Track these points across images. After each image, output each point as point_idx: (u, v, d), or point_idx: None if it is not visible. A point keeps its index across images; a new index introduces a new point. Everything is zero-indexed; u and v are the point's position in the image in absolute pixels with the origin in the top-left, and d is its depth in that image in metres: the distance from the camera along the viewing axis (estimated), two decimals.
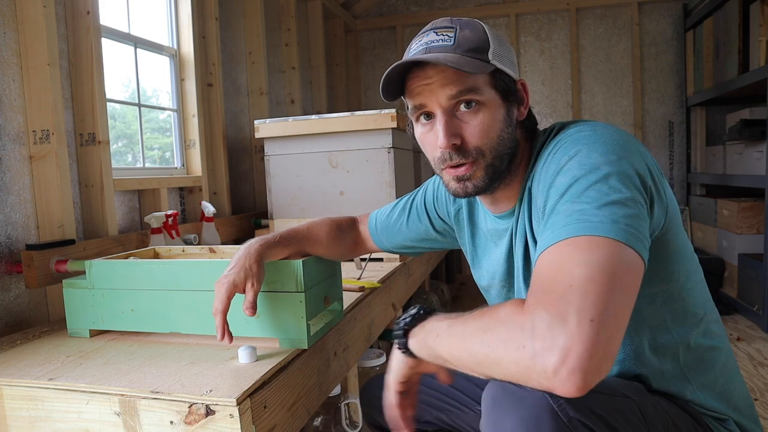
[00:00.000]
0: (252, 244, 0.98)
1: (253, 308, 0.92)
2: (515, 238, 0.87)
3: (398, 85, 0.84)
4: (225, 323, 0.92)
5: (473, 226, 1.01)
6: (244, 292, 0.93)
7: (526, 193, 0.84)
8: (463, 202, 1.02)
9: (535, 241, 0.82)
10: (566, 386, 0.57)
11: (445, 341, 0.71)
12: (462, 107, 0.80)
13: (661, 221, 0.74)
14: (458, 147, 0.80)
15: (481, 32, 0.81)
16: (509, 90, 0.82)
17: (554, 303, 0.59)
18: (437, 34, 0.81)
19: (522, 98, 0.85)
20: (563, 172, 0.71)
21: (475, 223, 1.00)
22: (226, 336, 0.92)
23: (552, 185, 0.72)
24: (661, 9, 3.91)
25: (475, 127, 0.80)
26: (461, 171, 0.82)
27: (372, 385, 1.19)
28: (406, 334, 0.79)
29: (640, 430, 0.71)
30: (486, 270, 0.97)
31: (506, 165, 0.83)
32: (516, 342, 0.60)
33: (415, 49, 0.82)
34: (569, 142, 0.75)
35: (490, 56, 0.79)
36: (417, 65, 0.80)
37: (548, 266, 0.64)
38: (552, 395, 0.64)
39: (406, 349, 0.79)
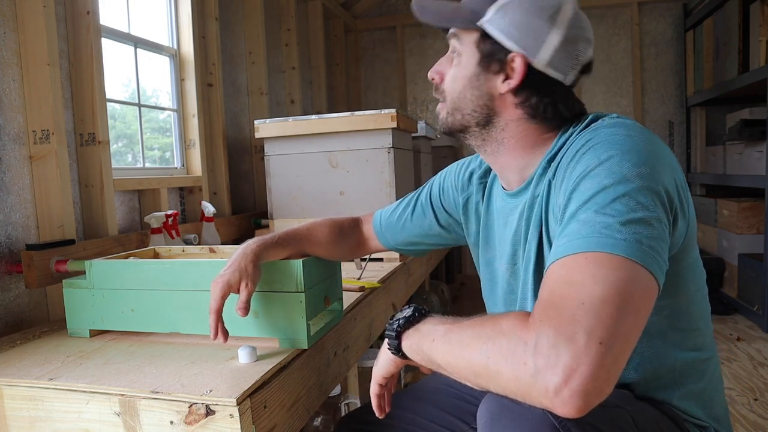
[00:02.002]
0: (249, 244, 0.98)
1: (246, 309, 0.92)
2: (529, 229, 0.85)
3: None
4: (219, 322, 0.92)
5: (487, 211, 0.98)
6: (238, 292, 0.93)
7: (544, 182, 0.81)
8: (475, 187, 1.01)
9: (549, 240, 0.80)
10: (567, 407, 0.55)
11: (441, 347, 0.69)
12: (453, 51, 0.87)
13: (681, 238, 0.73)
14: (436, 84, 0.90)
15: None
16: (492, 57, 0.82)
17: (562, 321, 0.57)
18: None
19: (510, 68, 0.81)
20: (590, 177, 0.68)
21: (489, 205, 0.98)
22: (220, 335, 0.92)
23: (576, 188, 0.69)
24: (661, 9, 3.91)
25: (449, 72, 0.87)
26: (438, 105, 0.91)
27: (344, 426, 1.17)
28: (398, 336, 0.78)
29: None
30: (498, 251, 0.95)
31: (475, 126, 0.86)
32: (517, 357, 0.58)
33: None
34: (602, 144, 0.71)
35: (483, 19, 0.81)
36: None
37: (561, 279, 0.61)
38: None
39: (397, 351, 0.78)
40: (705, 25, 3.52)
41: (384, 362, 0.85)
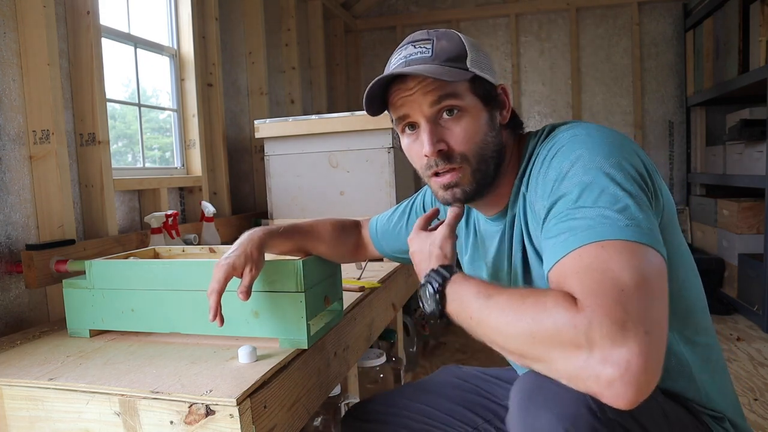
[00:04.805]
0: (255, 231, 0.99)
1: (248, 293, 0.92)
2: (512, 245, 0.87)
3: (381, 100, 0.87)
4: (218, 304, 0.91)
5: (469, 230, 1.00)
6: (241, 276, 0.93)
7: (520, 198, 0.84)
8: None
9: (534, 248, 0.82)
10: (620, 399, 0.56)
11: (486, 326, 0.68)
12: (445, 114, 0.81)
13: (657, 222, 0.74)
14: (444, 153, 0.81)
15: (457, 41, 0.82)
16: (489, 95, 0.83)
17: (611, 308, 0.57)
18: (415, 47, 0.82)
19: (503, 102, 0.85)
20: (569, 177, 0.70)
21: (470, 225, 1.00)
22: (217, 318, 0.92)
23: (556, 190, 0.71)
24: (661, 9, 3.91)
25: (459, 134, 0.81)
26: (447, 178, 0.83)
27: (351, 416, 1.16)
28: (442, 306, 0.76)
29: (665, 430, 0.71)
30: (487, 270, 0.97)
31: (493, 169, 0.84)
32: (569, 342, 0.58)
33: (394, 63, 0.84)
34: (567, 146, 0.74)
35: (468, 64, 0.81)
36: (398, 78, 0.82)
37: (586, 267, 0.62)
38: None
39: (442, 316, 0.76)
40: (705, 25, 3.52)
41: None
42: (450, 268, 0.79)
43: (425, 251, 0.87)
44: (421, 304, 0.80)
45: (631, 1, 3.87)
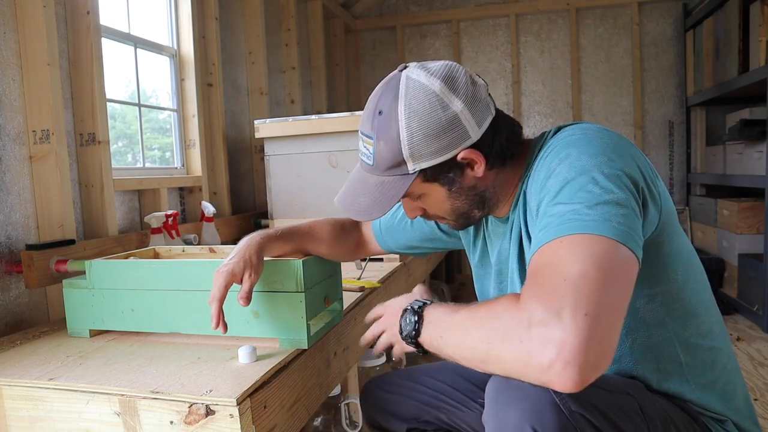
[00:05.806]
0: (253, 236, 1.00)
1: (248, 298, 0.93)
2: (511, 239, 0.88)
3: None
4: (221, 312, 0.92)
5: (478, 232, 1.01)
6: (241, 282, 0.93)
7: (521, 196, 0.86)
8: None
9: (530, 242, 0.83)
10: (561, 380, 0.57)
11: (450, 341, 0.72)
12: None
13: (654, 223, 0.75)
14: (424, 214, 0.91)
15: (395, 139, 0.79)
16: (445, 176, 0.82)
17: (548, 297, 0.60)
18: (363, 142, 0.85)
19: (469, 163, 0.82)
20: (554, 175, 0.73)
21: (480, 227, 1.01)
22: (220, 325, 0.92)
23: (543, 188, 0.74)
24: (661, 9, 3.91)
25: (427, 205, 0.88)
26: (438, 222, 0.95)
27: (372, 385, 1.18)
28: (419, 345, 0.79)
29: (639, 427, 0.72)
30: (490, 269, 0.98)
31: (478, 210, 0.87)
32: (513, 337, 0.61)
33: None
34: (560, 145, 0.77)
35: (409, 167, 0.80)
36: None
37: (542, 263, 0.65)
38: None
39: (426, 353, 0.80)
40: (705, 25, 3.52)
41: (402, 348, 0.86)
42: (424, 300, 0.82)
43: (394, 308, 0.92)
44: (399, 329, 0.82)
45: (631, 1, 3.86)
